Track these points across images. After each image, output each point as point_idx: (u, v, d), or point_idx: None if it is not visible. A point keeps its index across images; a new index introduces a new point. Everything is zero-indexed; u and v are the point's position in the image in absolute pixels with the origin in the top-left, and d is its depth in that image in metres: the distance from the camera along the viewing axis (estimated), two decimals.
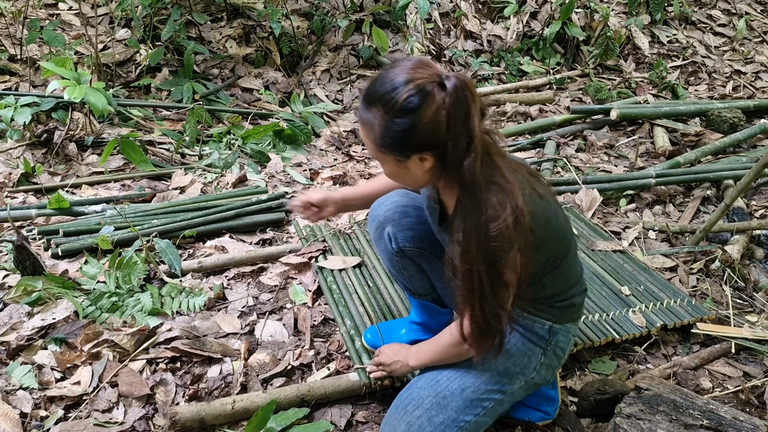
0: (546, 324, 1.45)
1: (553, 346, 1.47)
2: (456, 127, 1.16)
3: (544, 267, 1.38)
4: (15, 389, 1.69)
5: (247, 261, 2.32)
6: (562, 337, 1.48)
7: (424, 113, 1.15)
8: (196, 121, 3.31)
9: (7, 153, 3.00)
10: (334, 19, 4.67)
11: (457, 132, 1.17)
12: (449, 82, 1.15)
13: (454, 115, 1.15)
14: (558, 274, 1.42)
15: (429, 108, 1.15)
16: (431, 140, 1.18)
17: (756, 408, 1.84)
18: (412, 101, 1.15)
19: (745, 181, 2.48)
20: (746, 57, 5.36)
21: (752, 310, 2.31)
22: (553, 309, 1.45)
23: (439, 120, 1.16)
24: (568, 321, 1.49)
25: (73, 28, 4.19)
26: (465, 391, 1.45)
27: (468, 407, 1.44)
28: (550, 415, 1.72)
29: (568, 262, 1.43)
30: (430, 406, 1.43)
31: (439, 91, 1.15)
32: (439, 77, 1.16)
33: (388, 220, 1.66)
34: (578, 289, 1.49)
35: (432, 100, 1.15)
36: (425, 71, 1.17)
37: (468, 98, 1.16)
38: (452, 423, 1.42)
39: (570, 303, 1.47)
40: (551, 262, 1.39)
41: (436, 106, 1.15)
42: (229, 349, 1.89)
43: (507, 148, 1.34)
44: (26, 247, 2.04)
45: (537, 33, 5.12)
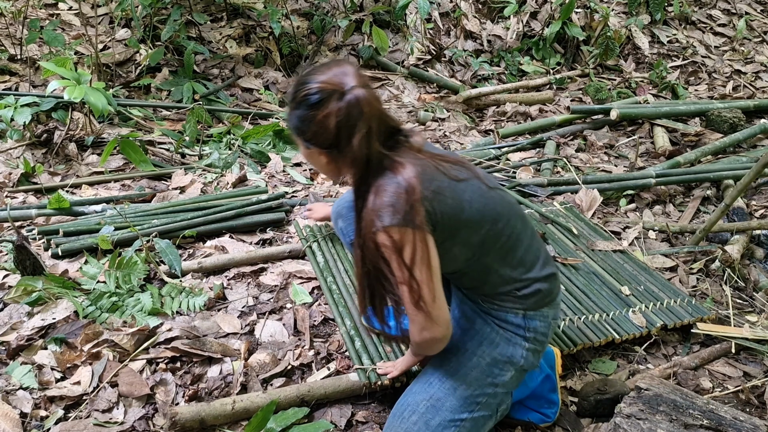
0: (519, 313, 1.47)
1: (532, 332, 1.49)
2: (341, 137, 1.27)
3: (481, 249, 1.39)
4: (15, 389, 1.69)
5: (247, 261, 2.32)
6: (539, 323, 1.50)
7: (317, 113, 1.27)
8: (196, 121, 3.31)
9: (7, 153, 3.00)
10: (334, 19, 4.67)
11: (341, 141, 1.27)
12: (347, 96, 1.25)
13: (343, 125, 1.25)
14: (505, 256, 1.43)
15: (321, 111, 1.26)
16: (320, 140, 1.30)
17: (756, 408, 1.84)
18: (310, 99, 1.27)
19: (745, 181, 2.48)
20: (746, 57, 5.36)
21: (752, 310, 2.31)
22: (518, 299, 1.46)
23: (328, 125, 1.26)
24: (540, 307, 1.49)
25: (73, 28, 4.19)
26: (457, 389, 1.46)
27: (462, 405, 1.45)
28: (550, 418, 1.72)
29: (509, 244, 1.43)
30: (425, 410, 1.44)
31: (336, 101, 1.25)
32: (343, 89, 1.25)
33: (340, 215, 1.86)
34: (540, 274, 1.48)
35: (327, 105, 1.26)
36: (339, 79, 1.27)
37: (359, 115, 1.25)
38: (449, 424, 1.43)
39: (534, 290, 1.46)
40: (488, 243, 1.40)
41: (327, 111, 1.26)
42: (229, 349, 1.89)
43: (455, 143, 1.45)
44: (26, 247, 2.04)
45: (537, 33, 5.12)
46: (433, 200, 1.30)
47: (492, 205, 1.40)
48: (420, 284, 1.30)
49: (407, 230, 1.26)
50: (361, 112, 1.25)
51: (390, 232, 1.26)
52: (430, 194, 1.30)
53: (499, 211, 1.41)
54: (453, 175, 1.35)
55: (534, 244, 1.50)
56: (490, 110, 4.35)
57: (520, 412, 1.73)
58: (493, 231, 1.40)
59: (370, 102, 1.26)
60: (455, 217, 1.34)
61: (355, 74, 1.28)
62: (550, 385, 1.72)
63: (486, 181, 1.43)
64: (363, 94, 1.25)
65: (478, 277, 1.46)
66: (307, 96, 1.27)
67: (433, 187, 1.31)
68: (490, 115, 4.31)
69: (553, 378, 1.72)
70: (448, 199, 1.33)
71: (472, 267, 1.44)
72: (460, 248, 1.39)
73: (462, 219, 1.35)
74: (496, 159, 3.51)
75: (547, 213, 2.74)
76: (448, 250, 1.38)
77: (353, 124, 1.25)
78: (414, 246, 1.28)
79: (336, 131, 1.27)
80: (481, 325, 1.52)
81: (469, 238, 1.38)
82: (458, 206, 1.34)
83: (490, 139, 3.90)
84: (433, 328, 1.36)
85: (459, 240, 1.37)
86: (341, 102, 1.25)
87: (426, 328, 1.36)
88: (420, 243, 1.28)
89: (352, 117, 1.25)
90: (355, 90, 1.25)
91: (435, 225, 1.32)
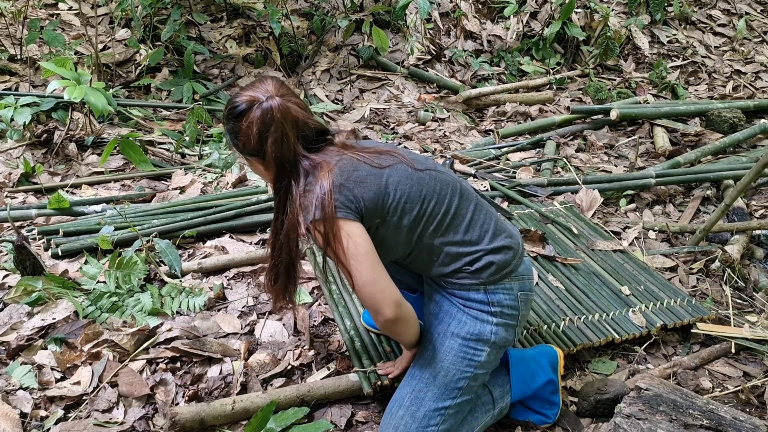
0: (480, 288, 1.50)
1: (497, 306, 1.51)
2: (262, 142, 1.39)
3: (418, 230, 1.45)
4: (15, 389, 1.69)
5: (247, 261, 2.32)
6: (503, 296, 1.51)
7: (241, 124, 1.41)
8: (196, 121, 3.31)
9: (7, 153, 3.00)
10: (334, 19, 4.67)
11: (264, 147, 1.40)
12: (263, 105, 1.38)
13: (262, 131, 1.38)
14: (446, 233, 1.46)
15: (244, 121, 1.40)
16: (248, 148, 1.42)
17: (756, 408, 1.84)
18: (235, 111, 1.41)
19: (745, 181, 2.48)
20: (746, 57, 5.36)
21: (752, 310, 2.31)
22: (473, 274, 1.48)
23: (251, 133, 1.39)
24: (500, 280, 1.50)
25: (73, 28, 4.19)
26: (437, 377, 1.49)
27: (444, 393, 1.48)
28: (550, 419, 1.72)
29: (447, 221, 1.47)
30: (410, 403, 1.48)
31: (255, 110, 1.39)
32: (258, 101, 1.39)
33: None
34: (489, 247, 1.50)
35: (248, 115, 1.39)
36: (258, 92, 1.40)
37: (271, 121, 1.38)
38: (434, 413, 1.46)
39: (486, 262, 1.48)
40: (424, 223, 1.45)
41: (249, 121, 1.39)
42: (229, 349, 1.89)
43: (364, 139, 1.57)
44: (26, 247, 2.04)
45: (537, 33, 5.12)
46: (355, 189, 1.38)
47: (420, 186, 1.45)
48: (353, 270, 1.38)
49: (329, 222, 1.36)
50: (273, 119, 1.38)
51: (316, 225, 1.36)
52: (352, 184, 1.39)
53: (428, 191, 1.46)
54: (376, 164, 1.43)
55: (479, 218, 1.52)
56: (490, 110, 4.35)
57: (521, 412, 1.73)
58: (424, 211, 1.45)
59: (284, 109, 1.39)
60: (380, 202, 1.41)
61: (275, 86, 1.42)
62: (552, 388, 1.72)
63: (414, 165, 1.49)
64: (276, 103, 1.38)
65: (427, 257, 1.50)
66: (232, 109, 1.42)
67: (353, 178, 1.39)
68: (490, 115, 4.31)
69: (555, 380, 1.72)
70: (372, 186, 1.40)
71: (418, 248, 1.48)
72: (394, 232, 1.44)
73: (387, 203, 1.42)
74: (496, 159, 3.51)
75: (547, 213, 2.74)
76: (384, 236, 1.45)
77: (267, 129, 1.38)
78: (339, 235, 1.36)
79: (257, 137, 1.39)
80: (448, 307, 1.54)
81: (400, 220, 1.44)
82: (382, 191, 1.41)
83: (490, 139, 3.90)
84: (382, 309, 1.41)
85: (391, 224, 1.43)
86: (258, 110, 1.38)
87: (377, 312, 1.42)
88: (344, 232, 1.37)
89: (266, 123, 1.38)
90: (270, 100, 1.39)
91: (361, 212, 1.39)
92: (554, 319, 2.05)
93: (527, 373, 1.69)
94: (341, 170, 1.39)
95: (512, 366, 1.69)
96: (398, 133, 3.90)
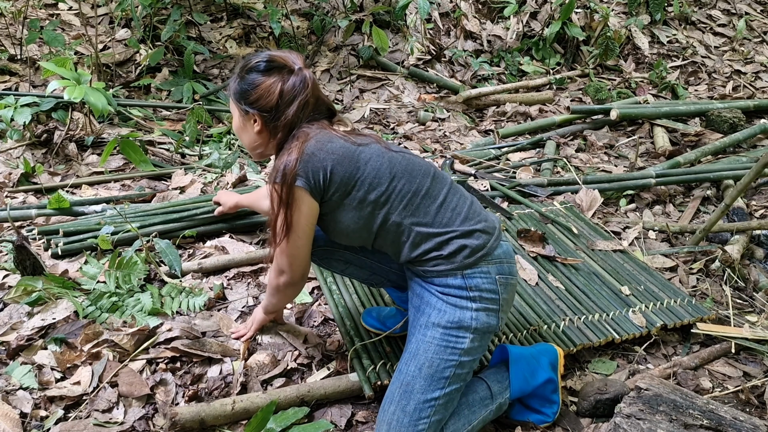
0: (456, 274, 1.51)
1: (476, 291, 1.51)
2: (281, 104, 1.49)
3: (384, 206, 1.50)
4: (15, 389, 1.69)
5: (247, 261, 2.32)
6: (481, 280, 1.51)
7: (265, 80, 1.50)
8: (196, 121, 3.31)
9: (7, 153, 3.00)
10: (334, 19, 4.67)
11: (281, 108, 1.49)
12: (296, 74, 1.50)
13: (284, 94, 1.49)
14: (415, 213, 1.50)
15: (269, 78, 1.50)
16: (262, 103, 1.51)
17: (756, 408, 1.84)
18: (260, 65, 1.51)
19: (745, 181, 2.48)
20: (746, 57, 5.36)
21: (752, 310, 2.31)
22: (446, 258, 1.50)
23: (273, 91, 1.49)
24: (476, 264, 1.51)
25: (73, 28, 4.19)
26: (422, 369, 1.49)
27: (431, 384, 1.48)
28: (550, 418, 1.72)
29: (417, 201, 1.50)
30: (399, 398, 1.48)
31: (284, 73, 1.50)
32: (293, 67, 1.50)
33: None
34: (461, 229, 1.51)
35: (274, 74, 1.50)
36: (288, 58, 1.52)
37: (301, 92, 1.49)
38: (424, 405, 1.47)
39: (458, 246, 1.50)
40: (392, 200, 1.49)
41: (274, 80, 1.49)
42: (229, 350, 1.89)
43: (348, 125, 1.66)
44: (26, 247, 2.04)
45: (537, 33, 5.12)
46: (324, 159, 1.46)
47: (391, 165, 1.51)
48: (290, 235, 1.50)
49: (286, 188, 1.45)
50: (304, 87, 1.50)
51: (274, 186, 1.47)
52: (323, 154, 1.46)
53: (399, 169, 1.51)
54: (353, 141, 1.51)
55: (451, 201, 1.55)
56: (490, 110, 4.35)
57: (520, 412, 1.73)
58: (393, 188, 1.49)
59: (314, 82, 1.53)
60: (348, 174, 1.47)
61: (302, 59, 1.54)
62: (552, 387, 1.72)
63: (388, 146, 1.57)
64: (310, 75, 1.52)
65: (396, 238, 1.53)
66: (259, 63, 1.51)
67: (326, 149, 1.46)
68: (490, 115, 4.31)
69: (555, 379, 1.72)
70: (342, 158, 1.47)
71: (385, 228, 1.52)
72: (358, 205, 1.49)
73: (356, 176, 1.48)
74: (496, 159, 3.51)
75: (547, 213, 2.74)
76: (344, 210, 1.51)
77: (296, 95, 1.49)
78: (291, 202, 1.46)
79: (278, 98, 1.49)
80: (428, 297, 1.55)
81: (367, 195, 1.49)
82: (354, 165, 1.48)
83: (490, 139, 3.90)
84: (291, 273, 1.57)
85: (356, 196, 1.49)
86: (290, 75, 1.49)
87: (285, 272, 1.58)
88: (296, 201, 1.47)
89: (296, 89, 1.49)
90: (304, 69, 1.51)
91: (324, 184, 1.47)
92: (554, 319, 2.05)
93: (527, 370, 1.69)
94: (316, 141, 1.47)
95: (512, 363, 1.69)
96: (398, 133, 3.90)
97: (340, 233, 1.56)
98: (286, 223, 1.48)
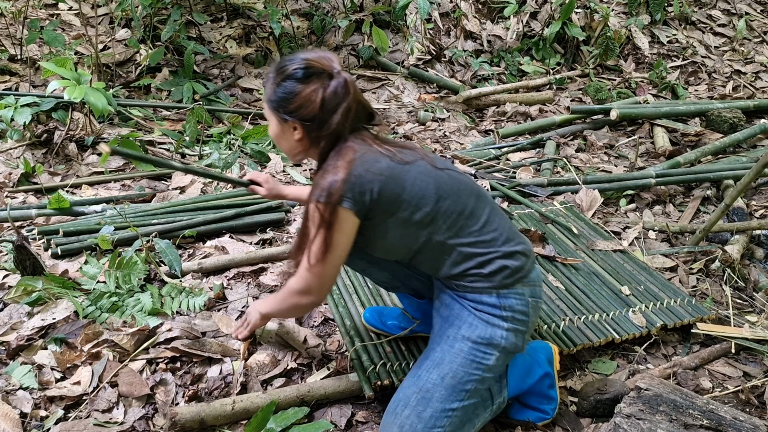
0: (492, 292, 1.50)
1: (509, 311, 1.50)
2: (324, 112, 1.42)
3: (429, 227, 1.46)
4: (15, 389, 1.69)
5: (247, 261, 2.32)
6: (515, 301, 1.51)
7: (304, 88, 1.42)
8: (196, 121, 3.31)
9: (7, 153, 3.00)
10: (334, 19, 4.67)
11: (324, 115, 1.42)
12: (336, 79, 1.42)
13: (327, 102, 1.41)
14: (458, 233, 1.47)
15: (309, 85, 1.42)
16: (302, 112, 1.43)
17: (756, 408, 1.84)
18: (298, 73, 1.42)
19: (745, 181, 2.48)
20: (746, 57, 5.36)
21: (752, 310, 2.31)
22: (486, 277, 1.49)
23: (314, 99, 1.41)
24: (512, 285, 1.51)
25: (73, 28, 4.19)
26: (444, 379, 1.47)
27: (452, 395, 1.47)
28: (549, 415, 1.72)
29: (461, 222, 1.48)
30: (416, 403, 1.46)
31: (324, 79, 1.42)
32: (332, 71, 1.42)
33: None
34: (502, 251, 1.50)
35: (314, 81, 1.42)
36: (325, 62, 1.43)
37: (343, 96, 1.42)
38: (441, 414, 1.45)
39: (499, 266, 1.49)
40: (436, 221, 1.45)
41: (315, 87, 1.41)
42: (229, 350, 1.89)
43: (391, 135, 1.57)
44: (26, 247, 2.04)
45: (537, 33, 5.12)
46: (371, 181, 1.40)
47: (437, 184, 1.47)
48: (327, 257, 1.44)
49: (330, 208, 1.39)
50: (347, 93, 1.42)
51: (318, 205, 1.40)
52: (370, 176, 1.40)
53: (445, 189, 1.47)
54: (398, 159, 1.45)
55: (493, 221, 1.53)
56: (490, 110, 4.35)
57: (519, 411, 1.73)
58: (439, 208, 1.46)
59: (355, 86, 1.45)
60: (395, 195, 1.42)
61: (339, 60, 1.46)
62: (549, 382, 1.72)
63: (434, 163, 1.51)
64: (350, 78, 1.44)
65: (438, 256, 1.50)
66: (296, 71, 1.42)
67: (373, 169, 1.41)
68: (490, 115, 4.31)
69: (551, 373, 1.72)
70: (390, 180, 1.42)
71: (428, 246, 1.49)
72: (404, 226, 1.45)
73: (402, 197, 1.43)
74: (496, 159, 3.51)
75: (547, 213, 2.74)
76: (392, 227, 1.46)
77: (338, 102, 1.42)
78: (334, 223, 1.41)
79: (320, 105, 1.41)
80: (459, 310, 1.54)
81: (412, 215, 1.44)
82: (400, 186, 1.43)
83: (490, 139, 3.90)
84: (317, 294, 1.51)
85: (401, 217, 1.44)
86: (331, 80, 1.41)
87: (311, 293, 1.51)
88: (339, 222, 1.41)
89: (338, 95, 1.41)
90: (343, 73, 1.43)
91: (369, 203, 1.41)
92: (554, 319, 2.05)
93: (523, 367, 1.69)
94: (363, 161, 1.41)
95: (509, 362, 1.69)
96: (398, 133, 3.90)
97: (379, 249, 1.54)
98: (326, 243, 1.42)
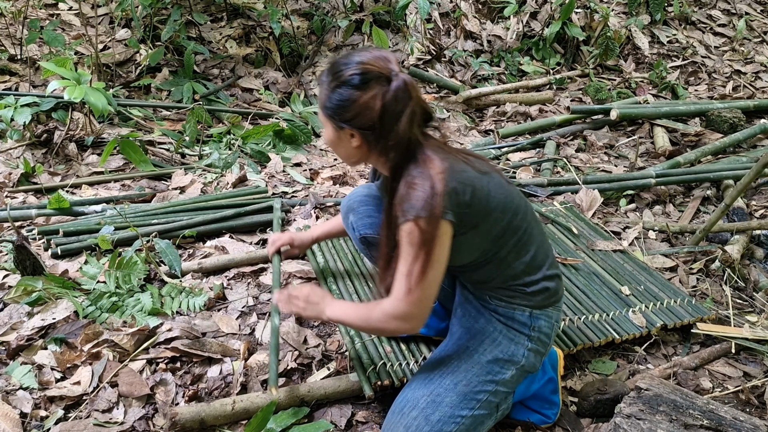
0: (526, 311, 1.49)
1: (537, 332, 1.50)
2: (385, 119, 1.30)
3: (499, 241, 1.42)
4: (15, 389, 1.69)
5: (247, 261, 2.32)
6: (544, 323, 1.51)
7: (362, 94, 1.30)
8: (196, 121, 3.31)
9: (7, 153, 3.00)
10: (334, 19, 4.67)
11: (385, 124, 1.31)
12: (395, 81, 1.30)
13: (388, 109, 1.30)
14: (520, 250, 1.46)
15: (367, 92, 1.30)
16: (361, 120, 1.32)
17: (756, 408, 1.84)
18: (354, 79, 1.30)
19: (745, 181, 2.48)
20: (746, 57, 5.36)
21: (752, 310, 2.31)
22: (526, 295, 1.48)
23: (373, 106, 1.30)
24: (546, 306, 1.51)
25: (73, 28, 4.19)
26: (458, 385, 1.46)
27: (463, 401, 1.45)
28: (550, 419, 1.72)
29: (525, 239, 1.46)
30: (425, 405, 1.44)
31: (382, 83, 1.30)
32: (390, 73, 1.30)
33: (351, 209, 1.83)
34: (547, 273, 1.51)
35: (373, 87, 1.30)
36: (382, 63, 1.31)
37: (405, 101, 1.30)
38: (449, 419, 1.43)
39: (542, 287, 1.49)
40: (506, 236, 1.43)
41: (374, 93, 1.30)
42: (229, 350, 1.89)
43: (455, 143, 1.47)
44: (26, 247, 2.04)
45: (537, 33, 5.12)
46: (463, 192, 1.33)
47: (511, 198, 1.44)
48: (427, 275, 1.33)
49: (434, 222, 1.29)
50: (409, 97, 1.31)
51: (418, 222, 1.29)
52: (460, 186, 1.33)
53: (517, 204, 1.46)
54: (477, 168, 1.40)
55: (545, 243, 1.54)
56: (490, 110, 4.35)
57: (521, 412, 1.73)
58: (511, 224, 1.43)
59: (415, 87, 1.33)
60: (483, 206, 1.37)
61: (396, 60, 1.34)
62: (553, 387, 1.72)
63: (504, 177, 1.49)
64: (409, 79, 1.31)
65: (493, 269, 1.48)
66: (352, 75, 1.31)
67: (461, 179, 1.34)
68: (490, 115, 4.31)
69: (555, 379, 1.72)
70: (477, 190, 1.36)
71: (489, 259, 1.46)
72: (481, 238, 1.41)
73: (489, 208, 1.38)
74: (496, 159, 3.51)
75: (547, 213, 2.74)
76: (471, 239, 1.40)
77: (401, 108, 1.30)
78: (438, 237, 1.31)
79: (381, 113, 1.30)
80: (484, 324, 1.53)
81: (491, 228, 1.41)
82: (485, 197, 1.38)
83: (490, 139, 3.90)
84: (417, 320, 1.39)
85: (482, 230, 1.40)
86: (390, 85, 1.30)
87: (411, 319, 1.38)
88: (441, 236, 1.32)
89: (399, 100, 1.30)
90: (401, 75, 1.31)
91: (462, 215, 1.34)
92: None
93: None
94: (453, 171, 1.33)
95: None
96: None
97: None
98: (426, 261, 1.31)
